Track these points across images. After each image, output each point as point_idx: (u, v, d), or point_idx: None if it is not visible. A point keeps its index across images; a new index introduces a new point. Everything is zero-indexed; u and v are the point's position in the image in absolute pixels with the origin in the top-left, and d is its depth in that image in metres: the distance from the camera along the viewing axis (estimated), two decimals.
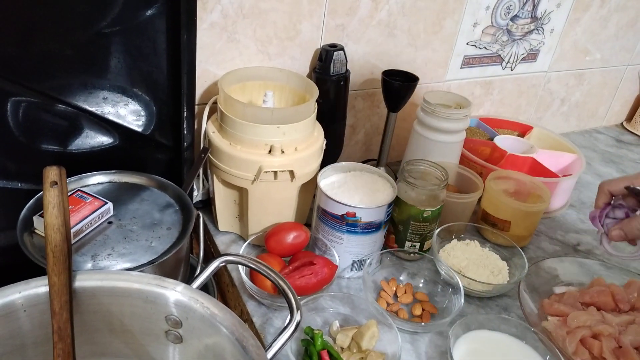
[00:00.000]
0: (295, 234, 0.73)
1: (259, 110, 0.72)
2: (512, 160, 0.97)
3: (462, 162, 0.94)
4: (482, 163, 0.94)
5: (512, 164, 0.96)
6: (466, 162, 0.95)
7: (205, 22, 0.75)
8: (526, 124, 1.11)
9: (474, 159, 0.95)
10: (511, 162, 0.96)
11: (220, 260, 0.51)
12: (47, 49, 0.61)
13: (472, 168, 0.92)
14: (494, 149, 1.00)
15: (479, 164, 0.94)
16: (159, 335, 0.51)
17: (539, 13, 1.06)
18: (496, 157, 0.99)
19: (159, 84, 0.69)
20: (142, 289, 0.49)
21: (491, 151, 1.00)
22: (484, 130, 1.09)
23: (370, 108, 0.98)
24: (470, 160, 0.95)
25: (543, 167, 0.96)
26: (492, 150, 1.00)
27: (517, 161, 0.97)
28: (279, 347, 0.45)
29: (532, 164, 0.98)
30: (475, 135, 1.06)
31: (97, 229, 0.61)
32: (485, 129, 1.08)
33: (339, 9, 0.84)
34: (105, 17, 0.62)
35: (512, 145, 1.01)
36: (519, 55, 1.10)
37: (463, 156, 0.94)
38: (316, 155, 0.75)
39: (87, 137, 0.69)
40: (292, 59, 0.85)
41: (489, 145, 1.01)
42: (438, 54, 1.00)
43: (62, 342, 0.46)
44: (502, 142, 1.01)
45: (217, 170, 0.74)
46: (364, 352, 0.62)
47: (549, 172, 0.95)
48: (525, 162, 0.98)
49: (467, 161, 0.95)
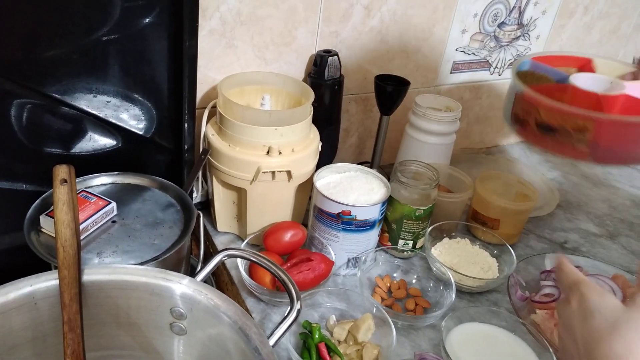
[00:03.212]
0: (293, 233, 0.75)
1: (257, 112, 0.74)
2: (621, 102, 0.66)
3: (552, 117, 0.64)
4: (588, 114, 0.62)
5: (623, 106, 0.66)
6: (559, 116, 0.63)
7: (204, 28, 0.78)
8: (581, 56, 0.78)
9: (575, 110, 0.62)
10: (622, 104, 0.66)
11: (223, 254, 0.53)
12: (53, 54, 0.63)
13: (569, 122, 0.62)
14: (576, 93, 0.67)
15: (583, 116, 0.62)
16: (164, 328, 0.53)
17: (525, 20, 1.09)
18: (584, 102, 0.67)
19: (160, 88, 0.71)
20: (149, 282, 0.51)
21: (572, 96, 0.68)
22: (545, 72, 0.75)
23: (363, 112, 1.01)
24: (567, 114, 0.63)
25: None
26: (574, 94, 0.67)
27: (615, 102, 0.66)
28: (280, 334, 0.47)
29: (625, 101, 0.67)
30: (539, 81, 0.73)
31: (102, 228, 0.63)
32: (547, 71, 0.75)
33: (333, 17, 0.87)
34: (109, 23, 0.64)
35: (593, 84, 0.69)
36: (507, 61, 1.14)
37: (554, 109, 0.64)
38: (312, 157, 0.78)
39: (91, 139, 0.71)
40: (288, 64, 0.88)
41: (566, 91, 0.68)
42: (428, 59, 1.03)
43: (73, 333, 0.48)
44: (582, 82, 0.69)
45: (217, 171, 0.76)
46: (360, 345, 0.64)
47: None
48: (616, 101, 0.67)
49: (562, 116, 0.63)
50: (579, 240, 0.93)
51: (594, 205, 1.05)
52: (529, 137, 0.67)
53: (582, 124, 0.62)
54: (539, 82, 0.73)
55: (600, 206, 1.05)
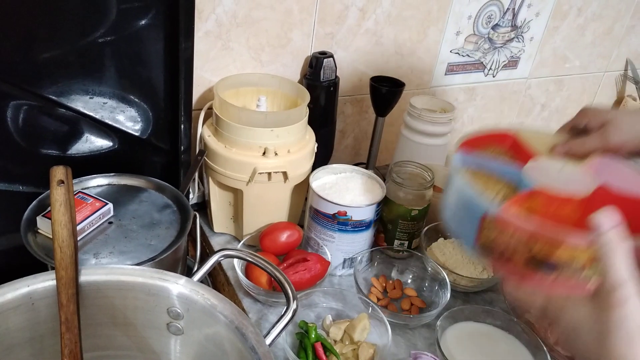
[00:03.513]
0: (289, 233, 0.76)
1: (253, 114, 0.75)
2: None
3: (556, 251, 0.43)
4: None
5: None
6: (569, 251, 0.44)
7: (200, 30, 0.78)
8: (506, 132, 0.62)
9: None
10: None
11: (219, 254, 0.54)
12: (50, 55, 0.63)
13: (582, 256, 0.44)
14: (551, 202, 0.52)
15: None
16: (160, 328, 0.53)
17: (518, 22, 1.10)
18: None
19: (156, 90, 0.72)
20: (146, 282, 0.51)
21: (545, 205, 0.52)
22: (490, 170, 0.57)
23: (359, 113, 1.02)
24: (581, 248, 0.44)
25: None
26: (548, 203, 0.52)
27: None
28: (277, 333, 0.48)
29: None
30: (487, 183, 0.56)
31: (99, 229, 0.63)
32: (492, 169, 0.57)
33: (328, 18, 0.88)
34: (105, 25, 0.64)
35: (557, 180, 0.55)
36: (500, 63, 1.15)
37: (561, 244, 0.44)
38: (308, 158, 0.78)
39: (87, 141, 0.71)
40: (284, 66, 0.89)
41: (535, 199, 0.52)
42: (423, 61, 1.04)
43: (70, 333, 0.48)
44: (542, 177, 0.54)
45: (213, 172, 0.76)
46: (356, 344, 0.65)
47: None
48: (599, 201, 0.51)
49: (573, 250, 0.44)
50: None
51: None
52: (509, 271, 0.48)
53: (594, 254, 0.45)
54: (483, 181, 0.57)
55: None
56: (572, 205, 0.52)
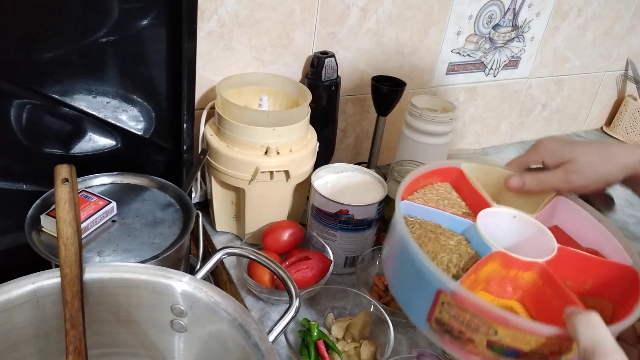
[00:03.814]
0: (291, 232, 0.76)
1: (256, 113, 0.75)
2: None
3: (519, 339, 0.42)
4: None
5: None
6: (534, 340, 0.41)
7: (202, 30, 0.78)
8: (449, 166, 0.60)
9: (561, 333, 0.41)
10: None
11: (223, 252, 0.54)
12: (53, 55, 0.64)
13: (548, 346, 0.42)
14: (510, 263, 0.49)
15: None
16: (164, 325, 0.54)
17: (519, 22, 1.11)
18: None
19: (159, 89, 0.72)
20: (150, 280, 0.51)
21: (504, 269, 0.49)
22: (435, 222, 0.53)
23: (360, 113, 1.02)
24: (548, 338, 0.41)
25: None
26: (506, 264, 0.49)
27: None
28: (280, 330, 0.48)
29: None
30: (435, 233, 0.51)
31: (102, 227, 0.63)
32: (439, 218, 0.53)
33: (329, 18, 0.88)
34: (108, 24, 0.65)
35: (506, 233, 0.54)
36: (501, 62, 1.15)
37: (525, 331, 0.41)
38: (310, 157, 0.79)
39: (90, 140, 0.72)
40: (286, 65, 0.89)
41: (493, 261, 0.48)
42: (424, 60, 1.04)
43: (75, 330, 0.48)
44: (492, 231, 0.52)
45: (215, 171, 0.77)
46: (357, 342, 0.65)
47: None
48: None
49: (538, 339, 0.41)
50: None
51: None
52: (466, 354, 0.43)
53: (567, 345, 0.41)
54: (434, 237, 0.50)
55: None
56: (533, 270, 0.48)
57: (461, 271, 0.48)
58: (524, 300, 0.49)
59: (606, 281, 0.50)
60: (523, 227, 0.54)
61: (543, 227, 0.53)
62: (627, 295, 0.47)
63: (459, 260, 0.49)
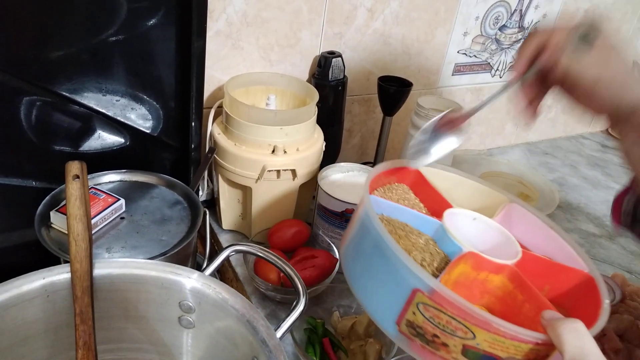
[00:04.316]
0: (297, 230, 0.76)
1: (263, 112, 0.75)
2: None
3: (498, 345, 0.40)
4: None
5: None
6: (513, 347, 0.39)
7: (211, 30, 0.79)
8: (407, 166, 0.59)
9: (543, 339, 0.39)
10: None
11: (230, 249, 0.54)
12: (64, 53, 0.64)
13: (529, 353, 0.40)
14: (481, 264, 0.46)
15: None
16: (172, 321, 0.54)
17: (525, 23, 1.11)
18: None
19: (168, 88, 0.72)
20: (159, 276, 0.52)
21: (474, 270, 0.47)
22: (401, 220, 0.51)
23: (366, 113, 1.03)
24: (528, 343, 0.39)
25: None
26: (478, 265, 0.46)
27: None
28: (287, 326, 0.48)
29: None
30: (404, 230, 0.49)
31: (111, 224, 0.64)
32: (404, 216, 0.51)
33: (337, 19, 0.89)
34: (117, 23, 0.65)
35: (473, 234, 0.51)
36: (508, 64, 1.15)
37: (507, 336, 0.39)
38: (316, 156, 0.79)
39: (100, 137, 0.72)
40: (293, 65, 0.89)
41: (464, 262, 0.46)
42: (430, 61, 1.04)
43: (84, 325, 0.49)
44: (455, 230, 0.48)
45: (223, 170, 0.77)
46: (363, 340, 0.65)
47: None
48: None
49: (518, 344, 0.39)
50: (579, 241, 0.94)
51: (594, 207, 1.06)
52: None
53: (545, 352, 0.39)
54: (404, 235, 0.48)
55: (599, 207, 1.06)
56: (503, 273, 0.46)
57: (435, 271, 0.45)
58: (490, 306, 0.46)
59: (563, 287, 0.48)
60: (483, 229, 0.51)
61: (504, 230, 0.51)
62: (584, 302, 0.46)
63: (431, 259, 0.46)
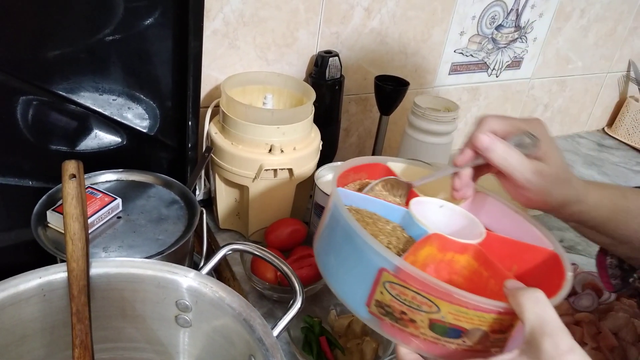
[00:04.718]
0: (294, 229, 0.76)
1: (260, 111, 0.76)
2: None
3: (463, 317, 0.41)
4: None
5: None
6: (477, 318, 0.41)
7: (208, 29, 0.79)
8: (377, 162, 0.60)
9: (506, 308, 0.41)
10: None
11: (227, 248, 0.55)
12: (60, 53, 0.64)
13: (494, 323, 0.41)
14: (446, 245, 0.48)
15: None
16: (169, 320, 0.54)
17: (522, 22, 1.11)
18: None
19: (165, 87, 0.72)
20: (156, 275, 0.52)
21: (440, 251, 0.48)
22: (368, 209, 0.52)
23: (363, 112, 1.03)
24: (495, 313, 0.41)
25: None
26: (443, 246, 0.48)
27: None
28: (284, 325, 0.49)
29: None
30: (376, 224, 0.50)
31: (107, 223, 0.64)
32: (373, 206, 0.52)
33: (333, 18, 0.89)
34: (114, 23, 0.65)
35: (443, 222, 0.53)
36: (504, 63, 1.15)
37: (471, 306, 0.40)
38: (313, 155, 0.79)
39: (96, 137, 0.72)
40: (290, 64, 0.90)
41: (429, 243, 0.47)
42: (427, 60, 1.05)
43: (81, 324, 0.49)
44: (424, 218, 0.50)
45: (220, 169, 0.77)
46: (360, 338, 0.66)
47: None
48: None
49: (483, 315, 0.41)
50: (575, 239, 0.95)
51: None
52: (407, 337, 0.43)
53: (509, 322, 0.41)
54: (371, 222, 0.50)
55: None
56: (468, 252, 0.48)
57: (401, 252, 0.47)
58: (458, 285, 0.46)
59: (530, 266, 0.50)
60: (450, 215, 0.54)
61: (469, 215, 0.53)
62: (551, 277, 0.48)
63: (397, 242, 0.48)
